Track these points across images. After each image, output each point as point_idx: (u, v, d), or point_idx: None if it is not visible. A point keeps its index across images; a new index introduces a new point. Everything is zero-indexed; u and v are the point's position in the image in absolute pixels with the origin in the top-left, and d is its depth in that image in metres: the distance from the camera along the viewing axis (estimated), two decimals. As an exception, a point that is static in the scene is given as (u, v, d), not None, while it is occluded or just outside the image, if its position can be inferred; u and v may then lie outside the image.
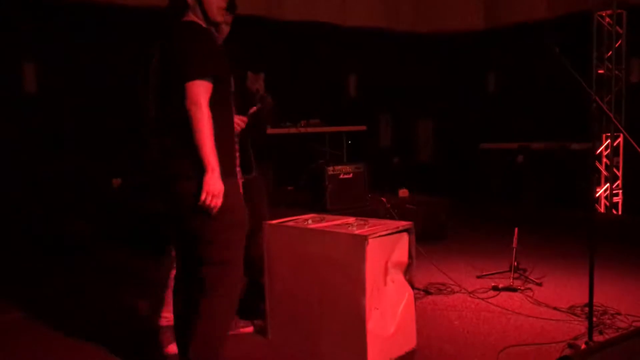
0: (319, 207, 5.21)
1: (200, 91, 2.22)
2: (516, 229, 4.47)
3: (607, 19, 7.22)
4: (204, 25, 2.41)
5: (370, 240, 2.64)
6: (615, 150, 7.33)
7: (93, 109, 6.66)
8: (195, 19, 2.41)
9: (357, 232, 2.72)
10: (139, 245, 5.84)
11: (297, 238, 2.96)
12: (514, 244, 4.44)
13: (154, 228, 5.83)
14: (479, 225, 6.96)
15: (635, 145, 2.75)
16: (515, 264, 4.46)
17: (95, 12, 6.59)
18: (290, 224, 3.10)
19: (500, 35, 8.67)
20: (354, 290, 2.67)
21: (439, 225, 5.94)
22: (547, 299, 3.96)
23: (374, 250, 2.68)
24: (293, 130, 6.49)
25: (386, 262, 2.84)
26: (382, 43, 8.65)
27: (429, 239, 5.54)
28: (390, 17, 8.76)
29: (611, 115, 3.03)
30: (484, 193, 8.13)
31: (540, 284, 4.29)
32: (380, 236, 2.74)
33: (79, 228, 6.35)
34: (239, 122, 3.13)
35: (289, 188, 6.94)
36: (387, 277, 2.85)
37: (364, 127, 7.49)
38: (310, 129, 6.64)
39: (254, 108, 3.29)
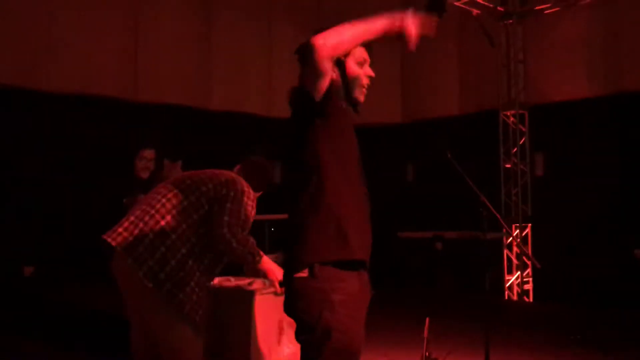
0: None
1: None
2: (427, 319, 4.59)
3: (512, 118, 7.85)
4: (342, 104, 2.13)
5: (257, 296, 2.71)
6: (524, 240, 7.76)
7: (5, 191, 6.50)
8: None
9: (247, 288, 2.81)
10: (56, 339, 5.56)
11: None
12: (425, 334, 4.54)
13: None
14: (395, 314, 7.05)
15: (518, 242, 2.99)
16: (427, 354, 4.54)
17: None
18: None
19: (417, 128, 9.19)
20: (240, 346, 2.70)
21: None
22: (455, 389, 4.04)
23: (262, 307, 2.74)
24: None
25: (280, 321, 2.89)
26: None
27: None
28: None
29: (498, 216, 3.29)
30: (401, 280, 8.32)
31: (450, 374, 4.39)
32: (270, 294, 2.80)
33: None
34: None
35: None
36: (282, 336, 2.89)
37: (286, 216, 7.60)
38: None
39: None
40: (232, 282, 3.27)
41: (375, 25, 1.95)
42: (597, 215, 7.18)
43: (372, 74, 2.18)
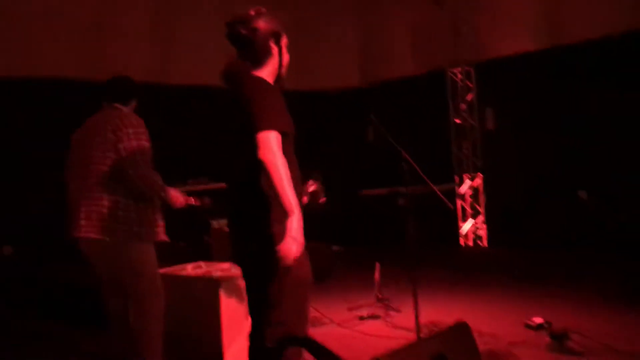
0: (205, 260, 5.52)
1: (274, 139, 2.26)
2: (377, 264, 5.07)
3: (459, 75, 8.24)
4: (270, 81, 2.52)
5: (223, 284, 3.09)
6: (476, 190, 8.26)
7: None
8: (264, 75, 2.50)
9: (215, 276, 3.16)
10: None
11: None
12: (376, 277, 5.02)
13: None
14: (363, 267, 7.50)
15: (442, 197, 3.43)
16: (380, 295, 5.03)
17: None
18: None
19: (374, 91, 9.52)
20: (210, 328, 3.08)
21: (320, 269, 6.42)
22: (402, 323, 4.52)
23: (229, 292, 3.12)
24: (181, 188, 6.79)
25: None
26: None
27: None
28: (273, 78, 9.37)
29: (418, 169, 3.69)
30: (368, 236, 8.76)
31: (399, 311, 4.87)
32: (235, 278, 3.18)
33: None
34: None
35: (182, 244, 7.16)
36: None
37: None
38: (197, 187, 6.99)
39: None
40: (203, 268, 3.62)
41: (285, 205, 2.23)
42: (545, 163, 7.64)
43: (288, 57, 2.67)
